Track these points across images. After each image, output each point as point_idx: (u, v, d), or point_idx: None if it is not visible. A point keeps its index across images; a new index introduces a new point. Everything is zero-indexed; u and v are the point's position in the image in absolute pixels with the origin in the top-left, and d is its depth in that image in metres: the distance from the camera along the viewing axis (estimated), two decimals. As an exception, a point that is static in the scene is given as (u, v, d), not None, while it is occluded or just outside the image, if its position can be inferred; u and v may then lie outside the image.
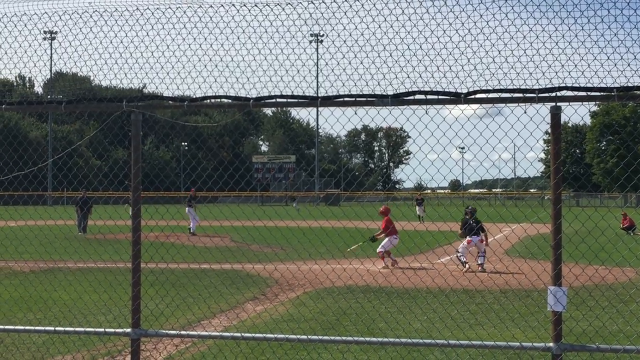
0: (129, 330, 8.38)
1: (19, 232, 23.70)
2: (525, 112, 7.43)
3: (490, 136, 7.66)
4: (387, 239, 23.39)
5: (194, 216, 38.23)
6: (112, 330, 8.77)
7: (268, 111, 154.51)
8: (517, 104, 7.34)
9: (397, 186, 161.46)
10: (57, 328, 8.92)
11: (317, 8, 7.72)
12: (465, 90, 7.38)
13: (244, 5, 7.93)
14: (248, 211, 45.79)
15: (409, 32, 7.51)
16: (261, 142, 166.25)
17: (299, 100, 7.84)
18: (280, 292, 17.39)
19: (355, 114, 7.95)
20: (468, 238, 22.38)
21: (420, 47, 7.51)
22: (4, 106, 8.86)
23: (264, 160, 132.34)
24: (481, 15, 7.30)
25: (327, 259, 19.23)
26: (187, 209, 38.78)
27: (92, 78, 9.23)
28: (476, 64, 7.36)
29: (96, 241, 29.37)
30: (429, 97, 7.45)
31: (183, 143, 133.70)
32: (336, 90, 7.77)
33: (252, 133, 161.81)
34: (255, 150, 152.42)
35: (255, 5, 7.86)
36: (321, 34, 7.99)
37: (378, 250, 23.41)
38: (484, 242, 22.53)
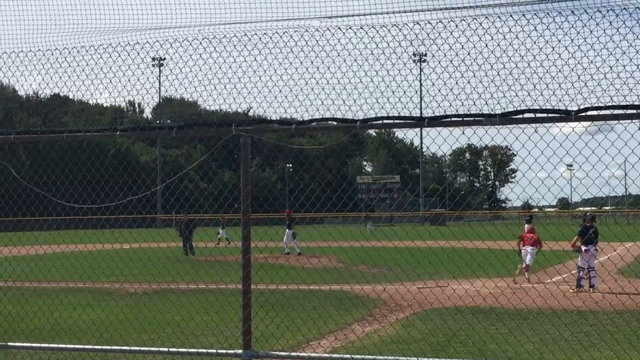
0: (240, 351, 8.49)
1: (133, 254, 24.34)
2: (639, 129, 7.23)
3: (603, 154, 7.49)
4: None
5: (290, 238, 38.39)
6: (224, 351, 8.90)
7: (372, 132, 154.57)
8: (630, 121, 7.15)
9: (503, 205, 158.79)
10: (170, 349, 9.13)
11: (422, 29, 7.72)
12: (575, 108, 7.24)
13: (350, 28, 8.00)
14: (356, 232, 45.74)
15: (516, 50, 7.43)
16: (365, 163, 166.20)
17: (406, 121, 7.83)
18: (388, 313, 17.32)
19: (463, 133, 7.89)
20: (584, 247, 21.87)
21: (529, 64, 7.42)
22: (118, 132, 9.16)
23: (369, 180, 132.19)
24: (591, 31, 7.16)
25: (436, 279, 19.05)
26: (287, 231, 38.88)
27: (199, 102, 9.49)
28: (587, 80, 7.22)
29: (207, 263, 29.89)
30: (538, 115, 7.33)
31: (288, 165, 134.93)
32: (443, 110, 7.75)
33: (356, 154, 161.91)
34: (359, 171, 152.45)
35: (361, 28, 7.91)
36: (424, 54, 7.98)
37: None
38: (597, 252, 22.11)
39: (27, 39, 9.63)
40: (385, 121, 7.93)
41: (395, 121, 7.88)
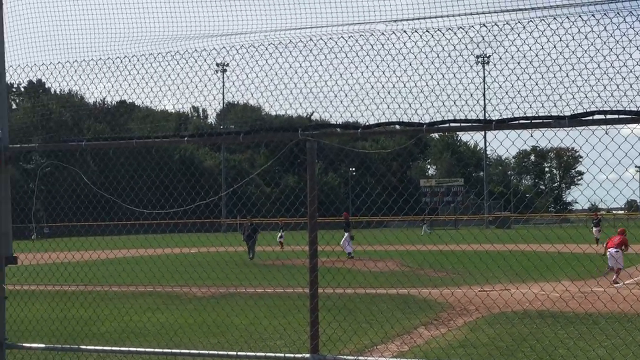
0: (307, 355, 8.50)
1: (201, 259, 24.61)
2: None
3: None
4: None
5: (348, 241, 38.74)
6: (292, 355, 8.91)
7: (435, 134, 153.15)
8: None
9: (569, 207, 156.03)
10: (238, 353, 9.19)
11: (489, 31, 7.64)
12: (647, 108, 7.09)
13: (415, 31, 7.96)
14: (423, 236, 45.34)
15: (585, 51, 7.30)
16: (428, 166, 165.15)
17: (473, 124, 7.74)
18: (455, 316, 17.19)
19: (531, 136, 7.78)
20: None
21: (598, 65, 7.28)
22: (186, 139, 9.26)
23: (432, 183, 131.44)
24: (664, 30, 7.01)
25: (504, 283, 18.83)
26: (345, 234, 39.34)
27: (262, 107, 9.55)
28: (660, 80, 7.07)
29: (274, 267, 30.05)
30: (608, 117, 7.20)
31: (351, 168, 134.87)
32: (510, 113, 7.65)
33: (419, 157, 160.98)
34: (423, 174, 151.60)
35: (427, 31, 7.87)
36: (489, 56, 7.90)
37: None
38: None
39: (97, 48, 9.83)
40: (452, 124, 7.85)
41: (462, 124, 7.79)
